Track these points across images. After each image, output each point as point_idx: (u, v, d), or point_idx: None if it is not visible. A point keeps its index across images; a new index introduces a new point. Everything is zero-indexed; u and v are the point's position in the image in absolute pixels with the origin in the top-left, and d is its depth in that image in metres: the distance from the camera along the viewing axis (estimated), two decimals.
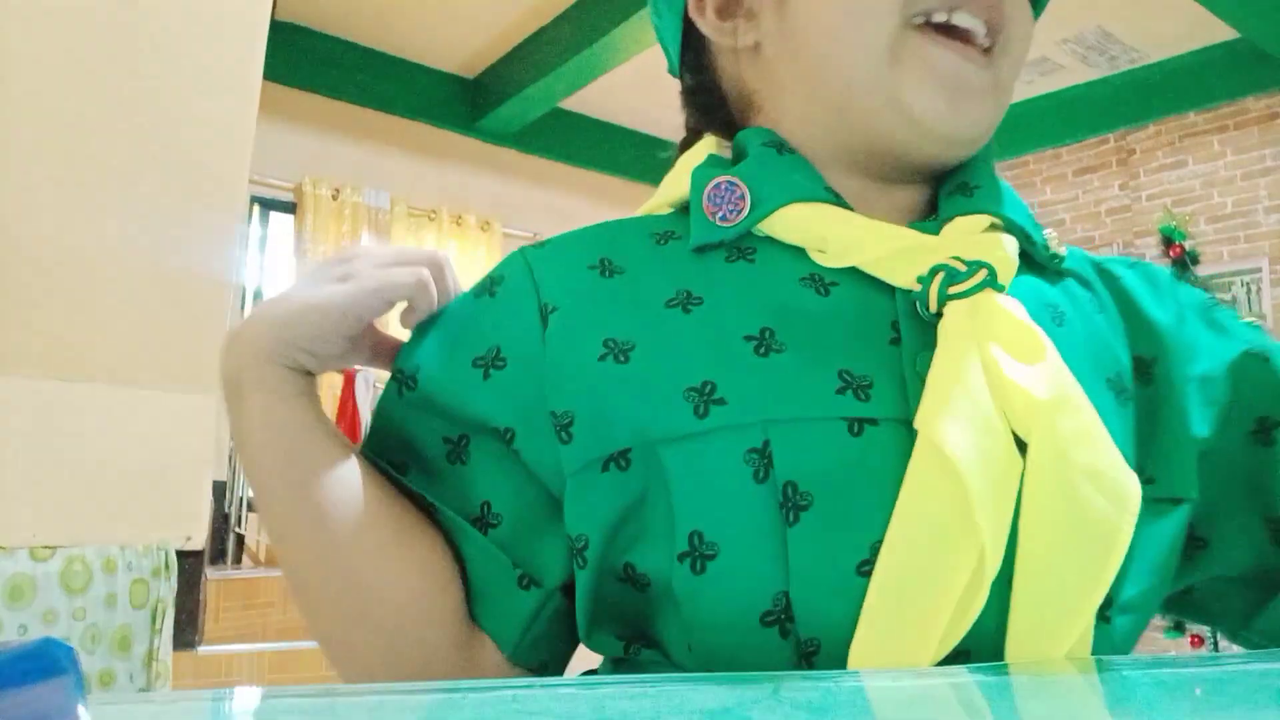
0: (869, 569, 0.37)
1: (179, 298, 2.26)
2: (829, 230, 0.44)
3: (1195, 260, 3.60)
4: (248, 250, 4.20)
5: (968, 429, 0.36)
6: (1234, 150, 4.42)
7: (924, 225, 0.45)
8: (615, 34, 3.97)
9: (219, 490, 3.60)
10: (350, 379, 3.77)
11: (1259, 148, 4.34)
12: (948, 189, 0.47)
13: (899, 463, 0.38)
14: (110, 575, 1.96)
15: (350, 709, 0.35)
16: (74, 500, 2.03)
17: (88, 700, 0.26)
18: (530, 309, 0.45)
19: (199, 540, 2.23)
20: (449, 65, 4.79)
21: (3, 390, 1.98)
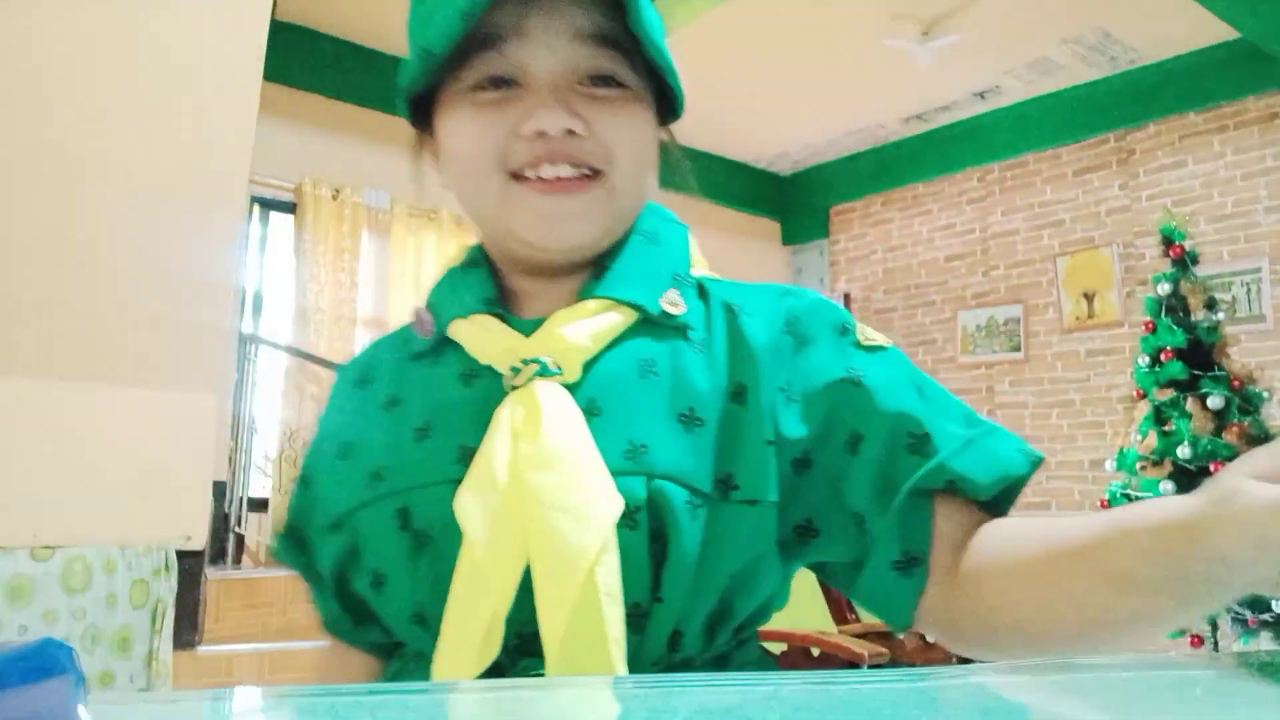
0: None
1: (179, 298, 2.26)
2: (471, 337, 0.59)
3: (1195, 260, 3.60)
4: (248, 250, 4.20)
5: (477, 492, 0.52)
6: (1234, 150, 4.42)
7: (541, 320, 0.59)
8: None
9: (219, 490, 3.59)
10: None
11: (1259, 148, 4.34)
12: (590, 275, 0.60)
13: None
14: (110, 575, 1.96)
15: (350, 709, 0.35)
16: (74, 500, 2.03)
17: (88, 700, 0.26)
18: (319, 429, 0.67)
19: (199, 540, 2.24)
20: None
21: (3, 390, 1.98)
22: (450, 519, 0.52)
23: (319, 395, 4.14)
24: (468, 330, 0.60)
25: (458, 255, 0.68)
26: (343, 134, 4.55)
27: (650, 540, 0.52)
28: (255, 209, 4.33)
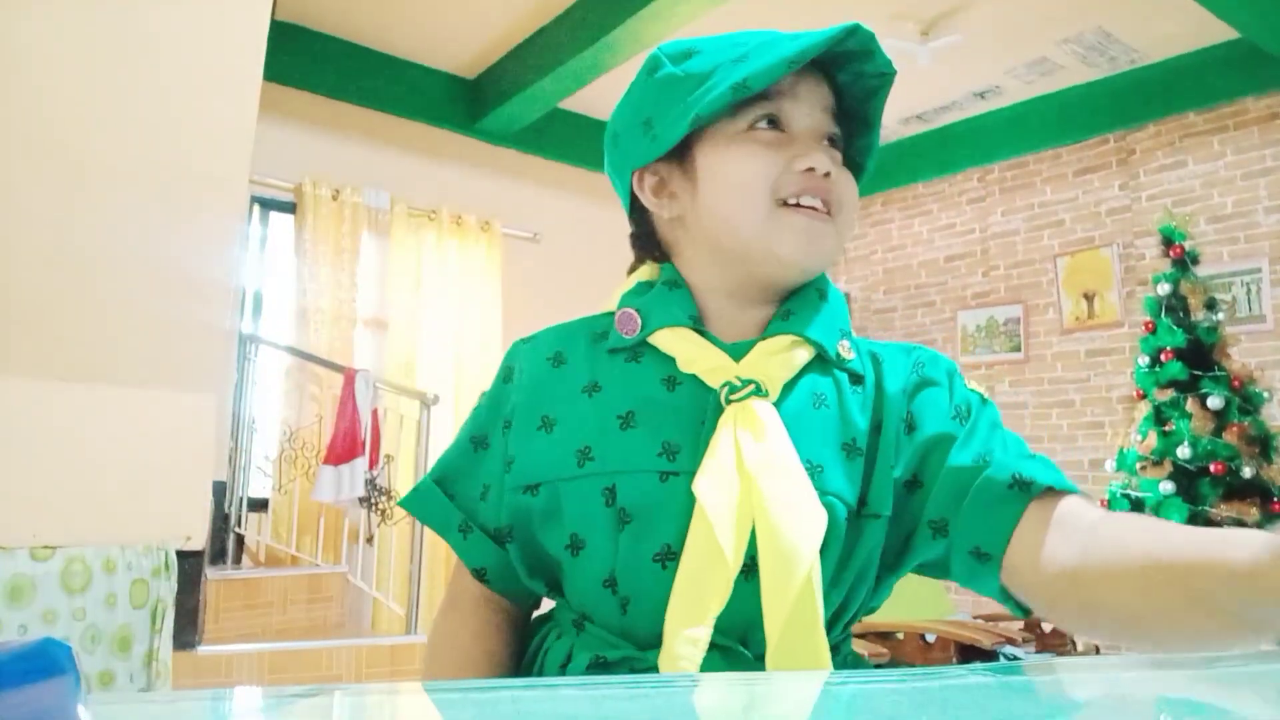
0: (659, 559, 0.63)
1: (179, 298, 2.25)
2: (679, 347, 0.69)
3: (1195, 260, 3.60)
4: (248, 250, 4.20)
5: (714, 482, 0.61)
6: (1234, 150, 4.41)
7: (747, 343, 0.69)
8: (615, 34, 3.98)
9: (219, 490, 3.60)
10: (350, 379, 3.77)
11: (1259, 148, 4.34)
12: (779, 313, 0.71)
13: (688, 498, 0.62)
14: (110, 575, 1.96)
15: (350, 709, 0.35)
16: (74, 500, 2.03)
17: (88, 700, 0.25)
18: (506, 399, 0.74)
19: (199, 540, 2.23)
20: (449, 65, 4.79)
21: (3, 390, 1.98)
22: (654, 501, 0.64)
23: (319, 395, 4.14)
24: (674, 340, 0.70)
25: (648, 271, 0.77)
26: (343, 134, 4.55)
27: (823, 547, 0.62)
28: (255, 209, 4.33)
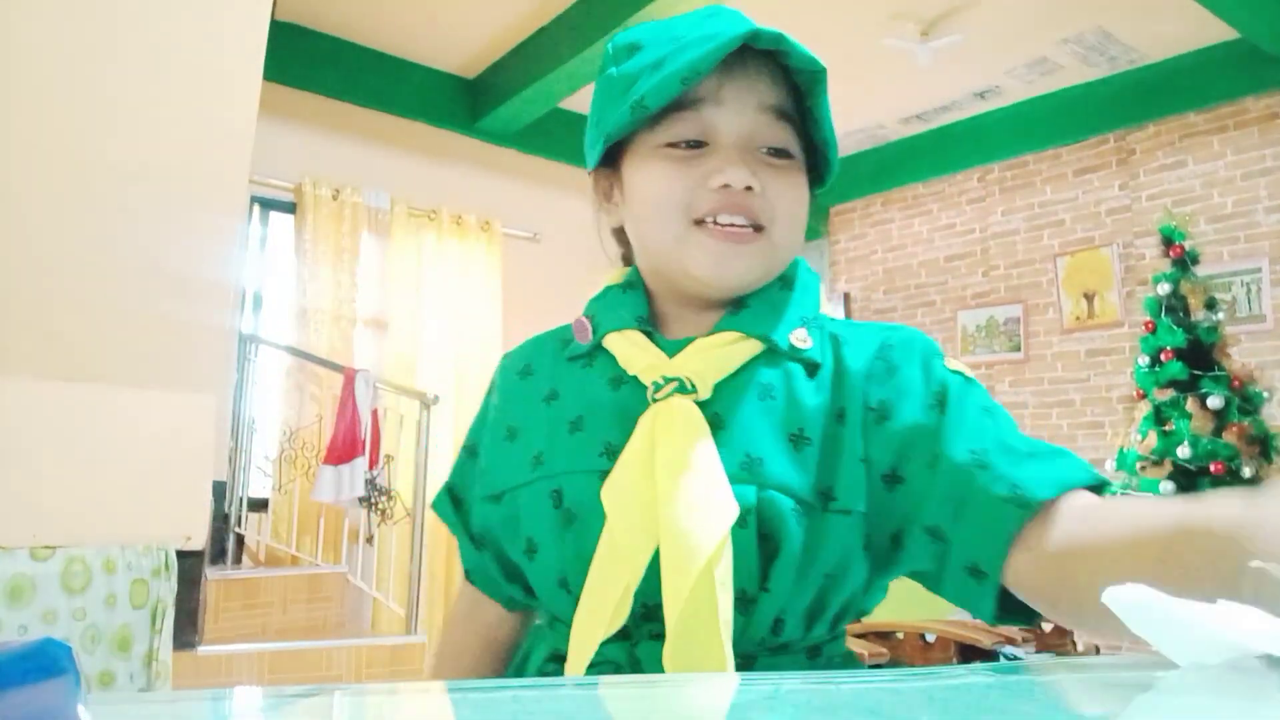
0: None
1: (179, 298, 2.25)
2: (622, 349, 0.70)
3: (1195, 260, 3.60)
4: (248, 250, 4.20)
5: (621, 483, 0.63)
6: (1234, 150, 4.41)
7: (685, 341, 0.69)
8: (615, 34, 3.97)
9: (219, 490, 3.59)
10: (350, 379, 3.77)
11: (1259, 148, 4.34)
12: (729, 311, 0.70)
13: None
14: (110, 575, 1.96)
15: (350, 709, 0.35)
16: (74, 500, 2.03)
17: (88, 700, 0.26)
18: (487, 408, 0.80)
19: (199, 540, 2.23)
20: (449, 65, 4.79)
21: (3, 390, 1.98)
22: (594, 502, 0.63)
23: (319, 395, 4.14)
24: (620, 343, 0.71)
25: (617, 275, 0.78)
26: (343, 134, 4.55)
27: (760, 539, 0.62)
28: (255, 209, 4.33)
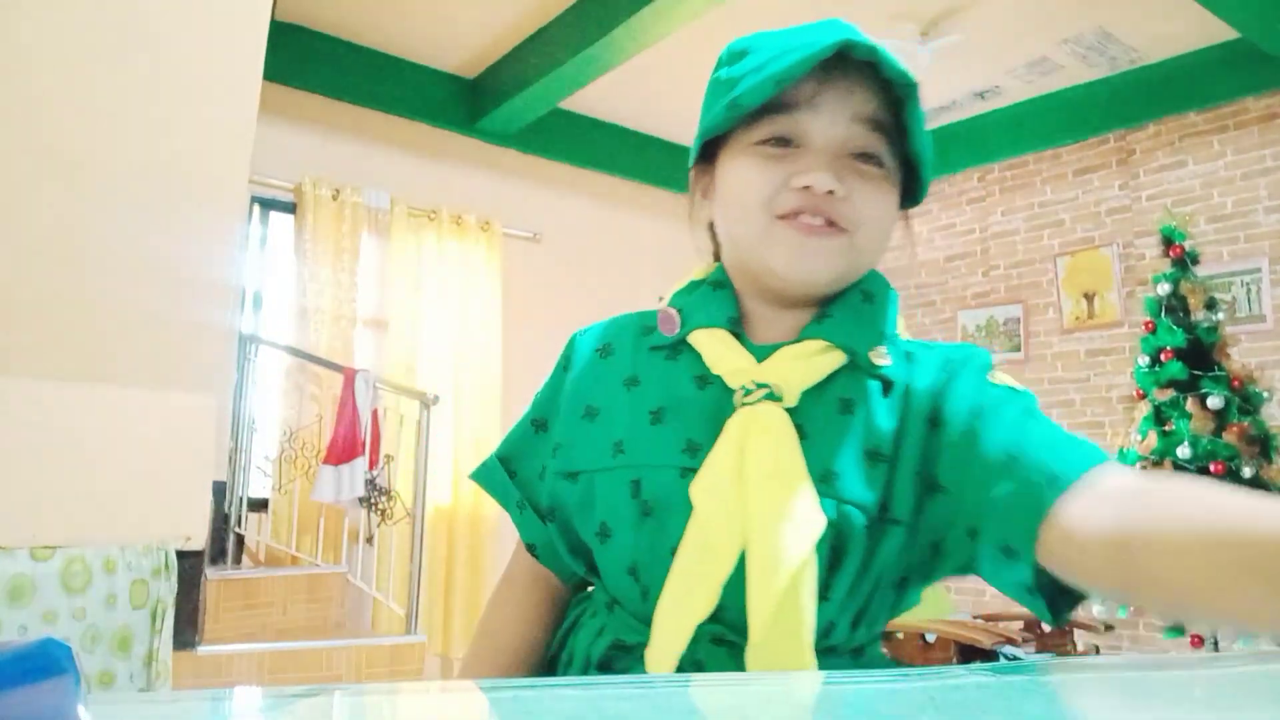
0: (675, 552, 0.65)
1: (179, 298, 2.25)
2: (710, 348, 0.71)
3: (1195, 260, 3.60)
4: (248, 250, 4.20)
5: (709, 485, 0.64)
6: (1234, 150, 4.41)
7: (774, 346, 0.71)
8: (615, 34, 3.97)
9: (219, 490, 3.59)
10: (350, 379, 3.77)
11: (1259, 148, 4.34)
12: (815, 316, 0.72)
13: None
14: (110, 575, 1.96)
15: (350, 709, 0.35)
16: (74, 500, 2.03)
17: (88, 700, 0.26)
18: (563, 386, 0.79)
19: (199, 540, 2.23)
20: (449, 65, 4.79)
21: (3, 390, 1.98)
22: (672, 497, 0.66)
23: (319, 395, 4.14)
24: (708, 341, 0.72)
25: (702, 270, 0.79)
26: (343, 134, 4.55)
27: (829, 550, 0.64)
28: (255, 209, 4.33)
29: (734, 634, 0.64)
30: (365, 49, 4.57)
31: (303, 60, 4.36)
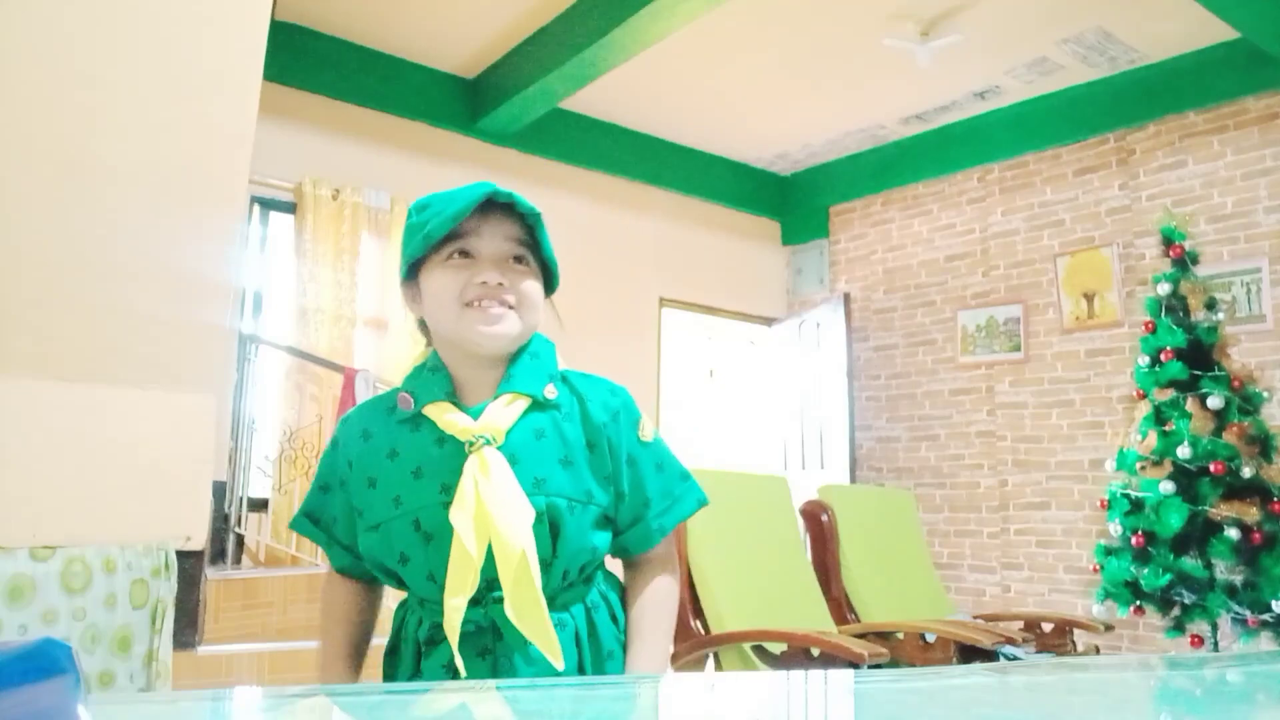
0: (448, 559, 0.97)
1: (179, 298, 2.25)
2: (439, 416, 1.02)
3: (1195, 260, 3.60)
4: (248, 250, 4.20)
5: (459, 508, 0.96)
6: (1234, 150, 4.42)
7: (483, 405, 1.03)
8: (615, 34, 3.98)
9: (219, 490, 3.59)
10: (350, 379, 3.77)
11: (1259, 148, 4.34)
12: (504, 376, 1.05)
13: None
14: (110, 575, 1.96)
15: (350, 709, 0.35)
16: (74, 500, 2.03)
17: (88, 700, 0.25)
18: (343, 461, 1.09)
19: (199, 540, 2.23)
20: (449, 65, 4.79)
21: (3, 390, 1.98)
22: (443, 524, 0.97)
23: (319, 395, 4.14)
24: (437, 411, 1.03)
25: (420, 356, 1.11)
26: (343, 134, 4.56)
27: (549, 528, 1.00)
28: (255, 209, 4.33)
29: (500, 594, 0.96)
30: (365, 49, 4.57)
31: (303, 60, 4.36)
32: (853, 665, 2.20)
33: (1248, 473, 3.25)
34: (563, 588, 1.03)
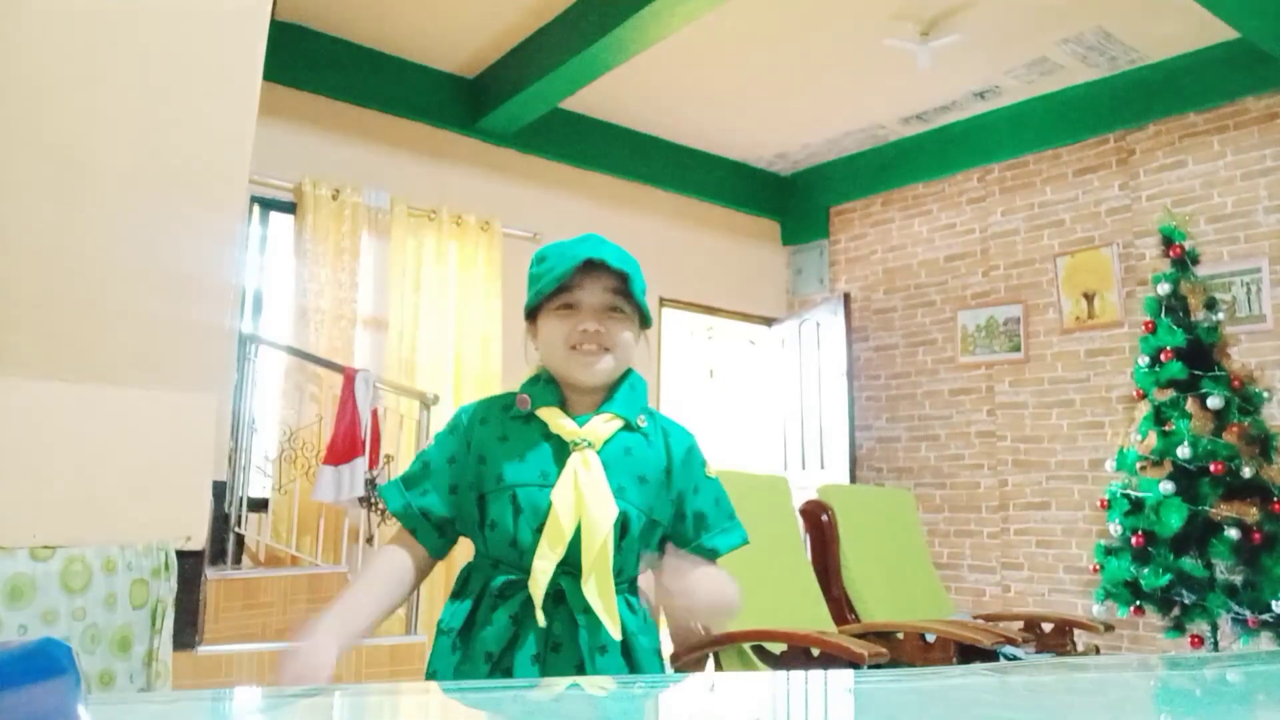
0: (537, 531, 1.18)
1: (179, 298, 2.25)
2: (550, 418, 1.23)
3: (1195, 260, 3.60)
4: (248, 250, 4.20)
5: (561, 492, 1.17)
6: (1234, 150, 4.42)
7: (586, 417, 1.24)
8: (615, 34, 3.98)
9: (219, 490, 3.59)
10: (350, 379, 3.77)
11: (1259, 148, 4.34)
12: (605, 398, 1.27)
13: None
14: (110, 575, 1.96)
15: (350, 709, 0.35)
16: (74, 500, 2.03)
17: (88, 700, 0.25)
18: (462, 439, 1.28)
19: (199, 540, 2.23)
20: (449, 65, 4.79)
21: (3, 390, 1.98)
22: (535, 502, 1.18)
23: (319, 395, 4.14)
24: (549, 415, 1.24)
25: (535, 369, 1.31)
26: (343, 134, 4.55)
27: (620, 531, 1.19)
28: (255, 209, 4.33)
29: (574, 571, 1.15)
30: (365, 49, 4.57)
31: (303, 60, 4.36)
32: (853, 665, 2.20)
33: (1248, 473, 3.25)
34: (617, 582, 1.21)
